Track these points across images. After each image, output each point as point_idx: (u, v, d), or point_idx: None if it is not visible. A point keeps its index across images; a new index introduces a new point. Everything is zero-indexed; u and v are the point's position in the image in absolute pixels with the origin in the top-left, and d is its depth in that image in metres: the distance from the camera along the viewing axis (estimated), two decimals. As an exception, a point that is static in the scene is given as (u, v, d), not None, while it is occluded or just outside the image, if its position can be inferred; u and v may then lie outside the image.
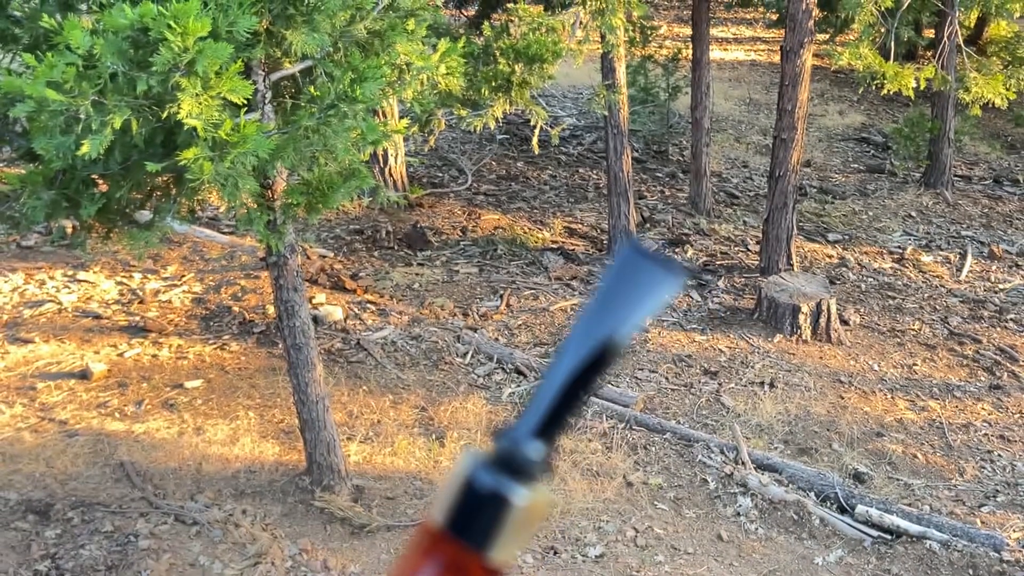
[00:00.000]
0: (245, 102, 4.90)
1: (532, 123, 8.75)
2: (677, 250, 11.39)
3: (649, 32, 12.77)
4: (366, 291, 9.69)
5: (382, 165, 11.78)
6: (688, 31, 14.20)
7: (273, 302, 6.68)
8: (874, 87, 9.94)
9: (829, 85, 18.13)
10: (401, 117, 9.99)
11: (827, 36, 14.99)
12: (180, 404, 7.61)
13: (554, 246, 11.27)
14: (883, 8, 9.31)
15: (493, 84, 8.33)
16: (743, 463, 7.47)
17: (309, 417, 6.56)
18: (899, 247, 11.91)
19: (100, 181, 5.58)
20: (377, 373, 8.31)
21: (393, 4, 6.26)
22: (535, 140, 9.92)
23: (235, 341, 8.56)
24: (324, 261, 10.26)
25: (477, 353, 8.74)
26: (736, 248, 11.55)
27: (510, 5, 10.49)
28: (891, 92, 9.86)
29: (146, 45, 4.68)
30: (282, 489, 6.80)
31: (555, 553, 6.46)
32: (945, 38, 11.53)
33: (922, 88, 10.02)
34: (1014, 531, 7.02)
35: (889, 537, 6.89)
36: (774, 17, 18.79)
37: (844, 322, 9.82)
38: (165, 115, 4.79)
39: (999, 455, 7.96)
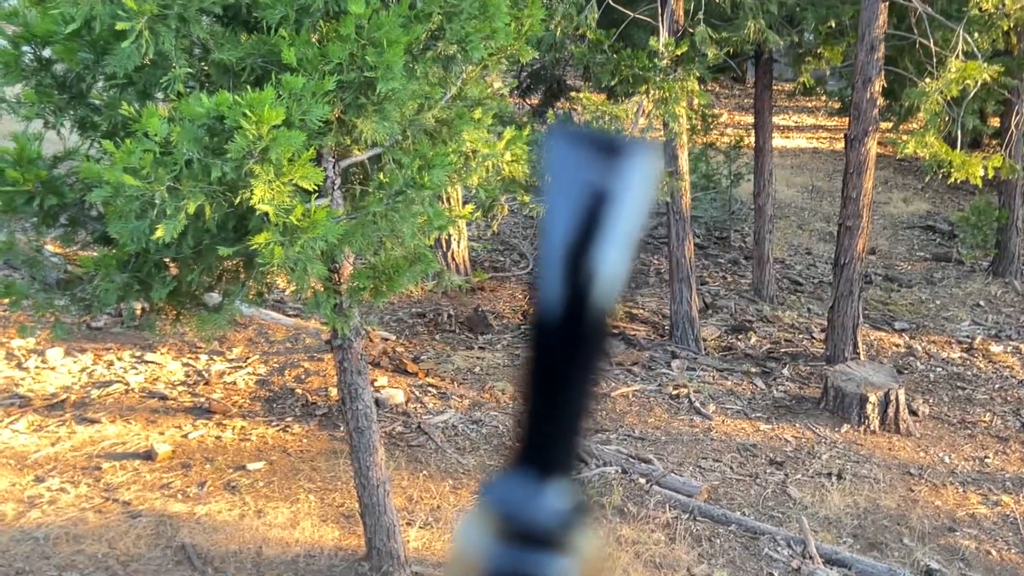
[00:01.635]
0: (316, 188, 4.99)
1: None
2: (740, 336, 11.27)
3: (711, 120, 12.85)
4: (427, 374, 9.70)
5: (445, 249, 11.89)
6: (749, 119, 14.26)
7: (336, 385, 6.71)
8: (940, 176, 9.85)
9: (893, 172, 18.03)
10: (465, 202, 10.10)
11: (891, 124, 14.96)
12: (242, 486, 7.62)
13: (615, 331, 11.22)
14: (949, 98, 9.28)
15: (556, 171, 8.39)
16: (811, 557, 7.27)
17: (370, 502, 6.52)
18: (968, 337, 11.67)
19: (171, 264, 5.68)
20: (438, 457, 8.27)
21: (461, 94, 6.38)
22: (597, 226, 9.93)
23: (298, 423, 8.59)
24: (386, 344, 10.31)
25: (538, 439, 8.67)
26: (800, 335, 11.41)
27: (574, 94, 10.63)
28: (958, 181, 9.76)
29: (221, 132, 4.80)
30: (341, 575, 6.74)
31: (617, 647, 6.31)
32: (1012, 127, 11.44)
33: (990, 177, 9.92)
34: (1098, 635, 6.72)
35: (966, 639, 6.62)
36: (836, 105, 18.81)
37: (913, 413, 9.60)
38: (238, 201, 4.88)
39: (1079, 554, 7.66)
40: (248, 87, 4.93)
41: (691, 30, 10.03)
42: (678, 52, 9.58)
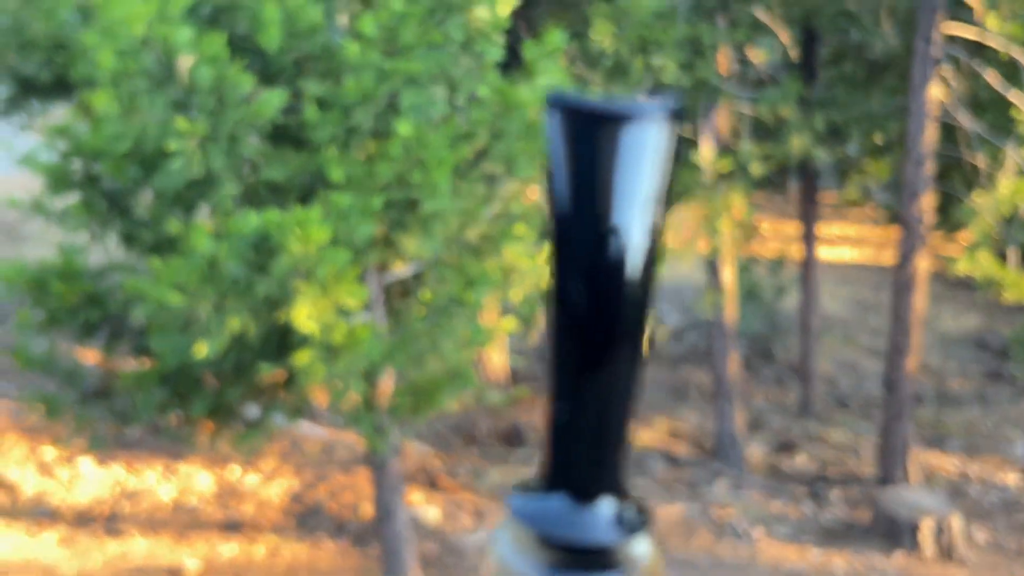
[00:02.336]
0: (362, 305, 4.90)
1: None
2: (787, 455, 10.96)
3: (753, 232, 12.73)
4: (463, 489, 9.48)
5: (482, 361, 11.75)
6: (791, 229, 14.17)
7: (372, 501, 6.53)
8: (993, 295, 9.64)
9: (942, 287, 17.75)
10: (504, 314, 10.00)
11: (940, 237, 14.78)
12: (272, 606, 7.39)
13: (657, 448, 10.96)
14: (1001, 217, 9.12)
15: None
16: None
17: (404, 629, 6.28)
18: (1023, 459, 11.28)
19: (210, 377, 5.58)
20: (474, 579, 8.01)
21: (504, 210, 6.32)
22: (640, 340, 9.77)
23: (330, 540, 8.37)
24: (422, 457, 10.12)
25: (578, 561, 8.39)
26: (849, 456, 11.08)
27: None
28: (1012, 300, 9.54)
29: (266, 251, 4.74)
30: None
31: None
32: (1064, 244, 11.23)
33: (1044, 296, 9.69)
34: None
35: None
36: (883, 216, 18.64)
37: (968, 540, 9.21)
38: (282, 318, 4.80)
39: None
40: (295, 203, 4.89)
41: (734, 147, 10.01)
42: (723, 170, 9.53)
